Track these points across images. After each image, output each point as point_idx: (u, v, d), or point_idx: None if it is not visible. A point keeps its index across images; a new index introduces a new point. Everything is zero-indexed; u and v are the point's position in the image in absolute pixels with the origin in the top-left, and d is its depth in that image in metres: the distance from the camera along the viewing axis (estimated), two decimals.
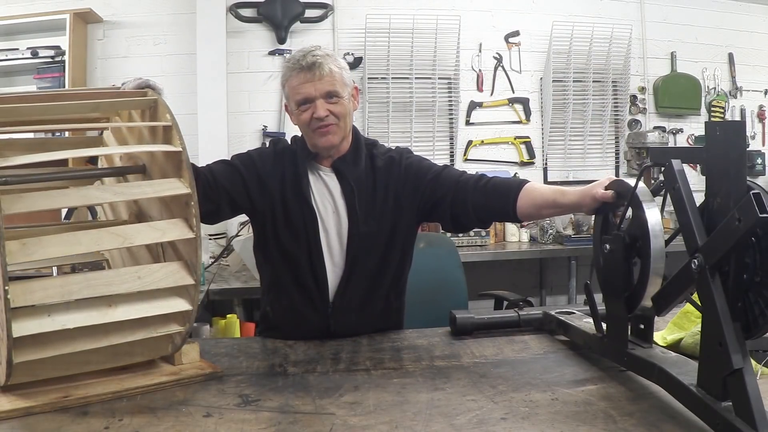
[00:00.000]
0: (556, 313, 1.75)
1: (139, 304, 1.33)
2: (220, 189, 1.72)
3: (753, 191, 1.02)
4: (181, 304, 1.36)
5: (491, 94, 4.51)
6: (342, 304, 1.77)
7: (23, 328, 1.17)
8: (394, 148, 1.89)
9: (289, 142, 1.89)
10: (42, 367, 1.25)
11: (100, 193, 1.47)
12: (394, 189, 1.80)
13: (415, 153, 1.91)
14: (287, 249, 1.78)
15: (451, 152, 4.44)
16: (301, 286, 1.79)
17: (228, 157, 1.86)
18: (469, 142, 4.47)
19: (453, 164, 4.43)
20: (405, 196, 1.81)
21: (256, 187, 1.77)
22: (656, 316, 1.38)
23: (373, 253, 1.78)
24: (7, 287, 1.13)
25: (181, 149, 1.35)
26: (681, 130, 4.73)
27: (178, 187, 1.34)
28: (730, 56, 4.79)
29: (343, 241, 1.77)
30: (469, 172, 1.81)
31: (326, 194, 1.79)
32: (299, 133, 1.83)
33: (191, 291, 1.36)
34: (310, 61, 1.68)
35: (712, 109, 4.73)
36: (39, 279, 1.25)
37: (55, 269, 2.38)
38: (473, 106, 4.47)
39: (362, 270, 1.78)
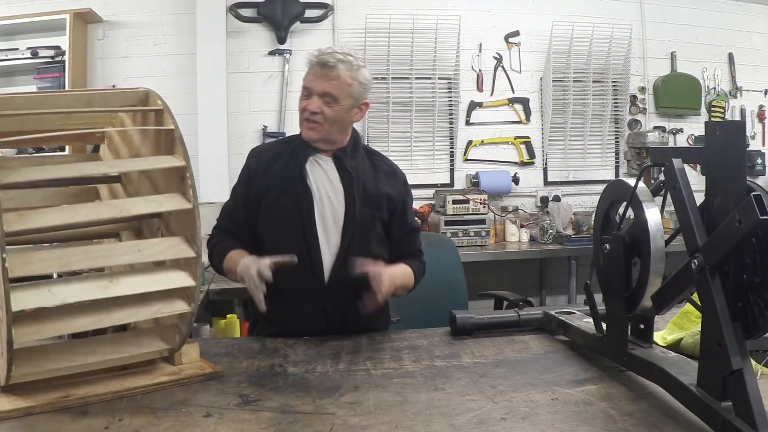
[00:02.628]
0: (556, 313, 1.75)
1: (140, 277, 1.33)
2: (245, 221, 1.88)
3: (754, 193, 1.02)
4: (183, 279, 1.34)
5: (491, 94, 4.50)
6: (337, 286, 1.80)
7: (22, 301, 1.15)
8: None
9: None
10: (44, 357, 1.24)
11: (95, 167, 1.49)
12: (389, 189, 1.90)
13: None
14: (281, 232, 1.83)
15: (451, 152, 4.43)
16: (296, 269, 1.80)
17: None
18: (469, 142, 4.47)
19: (453, 165, 4.44)
20: (395, 200, 1.91)
21: (252, 194, 1.87)
22: (656, 316, 1.38)
23: (367, 238, 1.85)
24: (4, 255, 1.11)
25: (173, 127, 1.37)
26: (681, 130, 4.72)
27: (172, 160, 1.35)
28: (730, 56, 4.78)
29: (339, 224, 1.83)
30: (420, 258, 1.99)
31: (324, 180, 1.86)
32: (298, 132, 1.93)
33: (192, 265, 1.35)
34: (325, 60, 1.79)
35: (712, 109, 4.73)
36: (37, 250, 1.23)
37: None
38: (473, 106, 4.47)
39: (357, 253, 1.82)
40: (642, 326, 1.41)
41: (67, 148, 3.00)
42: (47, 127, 1.44)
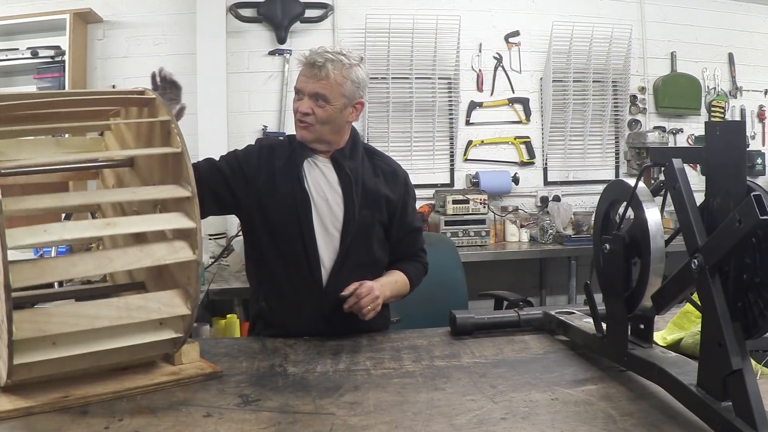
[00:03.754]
0: (556, 313, 1.75)
1: (137, 218, 1.35)
2: (203, 184, 1.77)
3: (754, 193, 1.02)
4: (181, 220, 1.33)
5: (491, 94, 4.50)
6: (336, 289, 1.79)
7: (17, 239, 1.14)
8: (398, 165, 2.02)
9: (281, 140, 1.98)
10: (47, 318, 1.21)
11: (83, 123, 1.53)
12: (388, 191, 1.89)
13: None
14: (279, 235, 1.82)
15: (451, 152, 4.43)
16: (294, 272, 1.82)
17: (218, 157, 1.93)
18: (469, 142, 4.47)
19: (453, 165, 4.44)
20: (393, 202, 1.90)
21: (240, 182, 1.83)
22: (656, 316, 1.38)
23: (366, 240, 1.85)
24: None
25: (154, 96, 1.42)
26: (681, 130, 4.72)
27: (155, 118, 1.39)
28: (730, 56, 4.78)
29: (339, 226, 1.82)
30: (422, 258, 2.01)
31: (322, 182, 1.84)
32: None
33: (189, 207, 1.34)
34: (314, 60, 1.77)
35: (712, 109, 4.73)
36: (32, 196, 1.25)
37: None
38: (473, 106, 4.47)
39: (357, 256, 1.83)
40: (642, 326, 1.41)
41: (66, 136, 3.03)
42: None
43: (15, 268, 1.14)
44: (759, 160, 4.67)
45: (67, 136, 1.86)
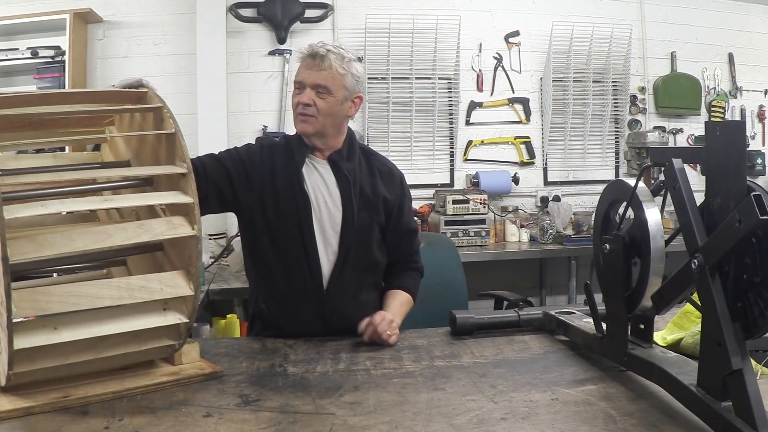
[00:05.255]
0: (556, 313, 1.75)
1: (133, 195, 1.36)
2: (209, 180, 1.77)
3: (754, 193, 1.02)
4: (180, 196, 1.32)
5: (491, 94, 4.50)
6: (336, 291, 1.79)
7: (14, 213, 1.15)
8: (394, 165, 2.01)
9: (278, 140, 1.97)
10: (47, 299, 1.20)
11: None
12: (385, 191, 1.89)
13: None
14: (279, 238, 1.81)
15: (451, 152, 4.43)
16: (295, 275, 1.81)
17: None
18: (469, 142, 4.47)
19: (453, 165, 4.44)
20: (390, 203, 1.90)
21: (243, 182, 1.81)
22: (656, 316, 1.38)
23: (365, 243, 1.84)
24: None
25: (146, 90, 1.44)
26: (681, 130, 4.72)
27: (147, 105, 1.41)
28: (730, 56, 4.78)
29: (337, 229, 1.81)
30: (417, 262, 2.00)
31: (320, 184, 1.83)
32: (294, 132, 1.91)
33: (184, 184, 1.33)
34: (315, 51, 1.76)
35: (712, 109, 4.73)
36: (30, 173, 1.27)
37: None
38: (473, 106, 4.47)
39: (356, 258, 1.82)
40: (642, 326, 1.41)
41: (66, 148, 3.03)
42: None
43: (13, 242, 1.13)
44: (759, 160, 4.67)
45: (67, 149, 1.87)
